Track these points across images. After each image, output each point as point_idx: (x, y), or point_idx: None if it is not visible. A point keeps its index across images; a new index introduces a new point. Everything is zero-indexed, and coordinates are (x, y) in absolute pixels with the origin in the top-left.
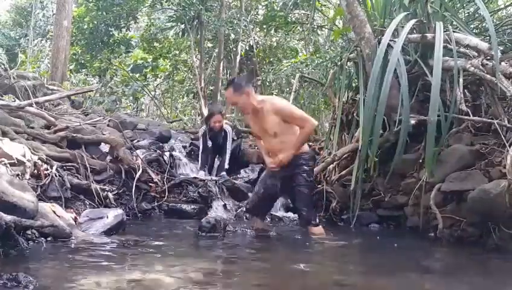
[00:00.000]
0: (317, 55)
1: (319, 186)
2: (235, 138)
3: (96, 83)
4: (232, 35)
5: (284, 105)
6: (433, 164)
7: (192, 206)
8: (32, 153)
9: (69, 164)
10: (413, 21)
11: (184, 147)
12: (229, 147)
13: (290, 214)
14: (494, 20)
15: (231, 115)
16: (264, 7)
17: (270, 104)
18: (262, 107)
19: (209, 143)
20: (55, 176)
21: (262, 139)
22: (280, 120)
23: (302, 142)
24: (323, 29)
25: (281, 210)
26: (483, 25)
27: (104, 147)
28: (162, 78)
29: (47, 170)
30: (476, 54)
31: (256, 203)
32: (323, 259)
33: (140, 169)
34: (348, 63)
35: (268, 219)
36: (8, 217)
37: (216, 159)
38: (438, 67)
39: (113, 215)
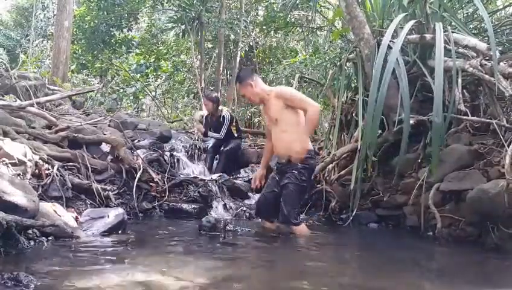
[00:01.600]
0: (316, 55)
1: (318, 185)
2: (238, 131)
3: (97, 83)
4: (232, 36)
5: (286, 88)
6: (437, 162)
7: (193, 206)
8: (33, 152)
9: (70, 163)
10: (412, 22)
11: (184, 147)
12: (223, 130)
13: None
14: (493, 21)
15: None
16: (263, 8)
17: (275, 91)
18: (269, 95)
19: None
20: (56, 175)
21: (272, 132)
22: (282, 105)
23: (312, 128)
24: (323, 30)
25: None
26: (482, 25)
27: (105, 147)
28: (163, 78)
29: (48, 169)
30: (475, 54)
31: (262, 204)
32: (323, 259)
33: (141, 169)
34: (347, 63)
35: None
36: (9, 217)
37: (215, 161)
38: (440, 68)
39: (114, 214)
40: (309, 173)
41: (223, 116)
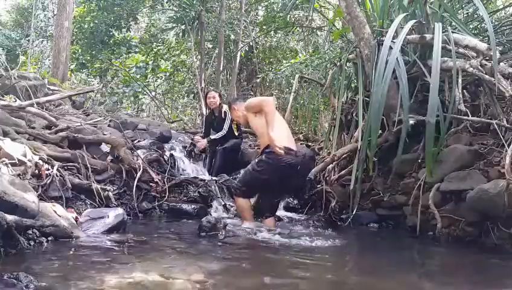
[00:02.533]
0: (316, 55)
1: (318, 185)
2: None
3: (97, 83)
4: (232, 36)
5: (248, 101)
6: (433, 163)
7: (193, 206)
8: (33, 153)
9: (70, 163)
10: (412, 22)
11: (184, 147)
12: (225, 127)
13: (290, 214)
14: (493, 21)
15: None
16: (263, 8)
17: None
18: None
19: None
20: (56, 176)
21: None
22: (253, 115)
23: (271, 118)
24: (323, 30)
25: (281, 209)
26: (482, 25)
27: (105, 147)
28: (163, 78)
29: (48, 169)
30: (475, 54)
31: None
32: (322, 258)
33: (141, 169)
34: (347, 63)
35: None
36: (9, 217)
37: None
38: (436, 68)
39: (113, 215)
40: (268, 168)
41: (225, 111)
